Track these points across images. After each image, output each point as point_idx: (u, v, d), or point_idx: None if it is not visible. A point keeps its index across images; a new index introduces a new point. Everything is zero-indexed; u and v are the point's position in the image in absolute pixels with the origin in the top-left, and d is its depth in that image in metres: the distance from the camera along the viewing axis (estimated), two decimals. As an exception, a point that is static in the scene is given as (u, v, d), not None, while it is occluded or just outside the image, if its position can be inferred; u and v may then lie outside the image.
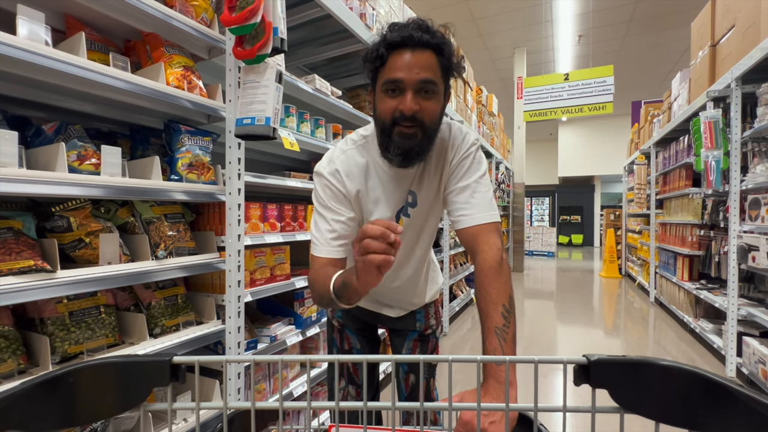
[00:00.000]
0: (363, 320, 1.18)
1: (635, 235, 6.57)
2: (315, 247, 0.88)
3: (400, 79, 0.78)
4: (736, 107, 2.68)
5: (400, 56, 0.79)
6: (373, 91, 0.87)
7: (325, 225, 0.88)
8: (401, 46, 0.79)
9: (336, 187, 0.90)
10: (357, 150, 0.93)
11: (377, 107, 0.84)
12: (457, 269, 4.35)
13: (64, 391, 0.42)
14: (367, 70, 0.86)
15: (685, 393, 0.41)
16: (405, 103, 0.78)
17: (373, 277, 0.65)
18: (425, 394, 1.15)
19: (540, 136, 14.05)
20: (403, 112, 0.79)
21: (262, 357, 0.46)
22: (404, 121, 0.80)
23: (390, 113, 0.81)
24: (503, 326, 0.72)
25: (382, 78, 0.82)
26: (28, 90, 1.17)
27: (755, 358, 2.36)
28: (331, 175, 0.90)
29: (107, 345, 1.16)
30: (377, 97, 0.84)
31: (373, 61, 0.82)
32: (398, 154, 0.83)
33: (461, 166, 0.90)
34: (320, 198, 0.91)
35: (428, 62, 0.79)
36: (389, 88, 0.80)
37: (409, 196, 0.95)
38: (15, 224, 1.00)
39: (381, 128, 0.84)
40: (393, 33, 0.80)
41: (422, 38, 0.78)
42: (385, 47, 0.80)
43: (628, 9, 6.12)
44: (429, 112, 0.81)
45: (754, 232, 2.46)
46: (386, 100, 0.81)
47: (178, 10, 1.28)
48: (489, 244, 0.81)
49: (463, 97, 4.21)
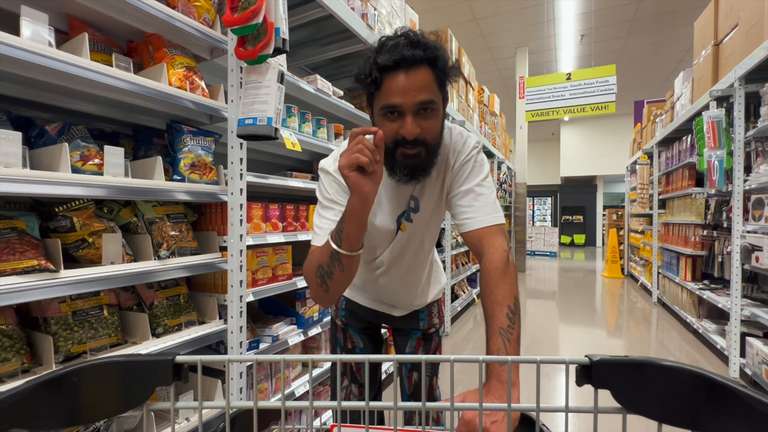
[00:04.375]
0: (366, 319, 1.18)
1: (638, 235, 6.54)
2: (316, 237, 0.87)
3: (398, 105, 0.78)
4: (739, 107, 2.67)
5: (395, 79, 0.78)
6: (371, 109, 0.86)
7: (332, 215, 0.86)
8: (395, 69, 0.78)
9: (340, 183, 0.89)
10: None
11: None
12: (458, 269, 4.35)
13: (68, 390, 0.42)
14: (363, 90, 0.85)
15: (688, 393, 0.41)
16: (406, 128, 0.78)
17: (366, 186, 0.71)
18: (427, 392, 1.15)
19: (542, 136, 14.02)
20: (404, 136, 0.79)
21: (264, 356, 0.46)
22: (407, 144, 0.79)
23: (392, 137, 0.80)
24: (508, 327, 0.72)
25: (379, 102, 0.81)
26: (32, 91, 1.18)
27: (758, 359, 2.35)
28: (337, 172, 0.90)
29: (110, 344, 1.16)
30: (376, 120, 0.84)
31: (368, 86, 0.81)
32: (405, 174, 0.83)
33: (463, 170, 0.90)
34: (326, 192, 0.90)
35: (424, 81, 0.78)
36: (387, 111, 0.80)
37: (412, 202, 0.95)
38: (19, 224, 1.01)
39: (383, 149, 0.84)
40: (384, 55, 0.78)
41: (415, 56, 0.77)
42: (378, 71, 0.79)
43: (631, 8, 6.09)
44: (430, 130, 0.81)
45: (757, 232, 2.45)
46: (386, 123, 0.80)
47: (180, 10, 1.29)
48: (495, 246, 0.81)
49: (465, 97, 4.21)
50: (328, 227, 0.85)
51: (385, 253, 1.01)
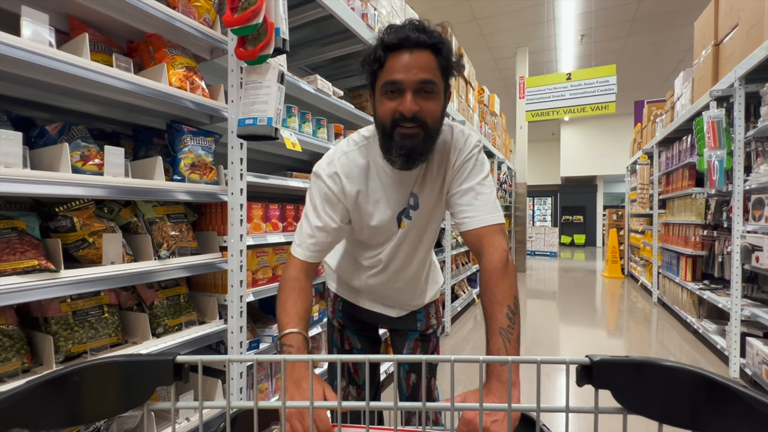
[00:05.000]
0: (363, 320, 1.18)
1: (638, 236, 6.54)
2: (294, 247, 0.91)
3: (399, 81, 0.78)
4: (739, 107, 2.67)
5: (398, 58, 0.79)
6: (373, 93, 0.87)
7: (308, 230, 0.90)
8: (399, 48, 0.79)
9: (332, 191, 0.90)
10: (358, 151, 0.93)
11: (377, 109, 0.84)
12: (458, 269, 4.35)
13: (69, 390, 0.42)
14: (366, 72, 0.86)
15: (689, 393, 0.41)
16: (405, 104, 0.78)
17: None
18: (426, 393, 1.15)
19: (542, 136, 14.02)
20: (403, 113, 0.79)
21: (265, 356, 0.46)
22: (405, 122, 0.79)
23: (390, 115, 0.80)
24: (508, 327, 0.72)
25: (381, 80, 0.82)
26: (32, 91, 1.18)
27: (759, 359, 2.35)
28: (329, 178, 0.90)
29: (110, 344, 1.16)
30: (377, 100, 0.84)
31: (372, 63, 0.82)
32: (401, 155, 0.82)
33: (464, 168, 0.89)
34: (313, 198, 0.92)
35: (426, 62, 0.79)
36: (388, 89, 0.80)
37: (411, 199, 0.94)
38: (19, 224, 1.01)
39: (382, 130, 0.84)
40: (390, 35, 0.80)
41: (419, 39, 0.78)
42: (383, 49, 0.80)
43: (631, 8, 6.09)
44: (429, 111, 0.80)
45: (757, 232, 2.45)
46: (386, 102, 0.81)
47: (181, 11, 1.29)
48: (494, 246, 0.81)
49: (465, 97, 4.21)
50: (307, 236, 0.89)
51: (384, 252, 1.01)
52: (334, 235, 0.92)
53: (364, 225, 0.95)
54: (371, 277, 1.06)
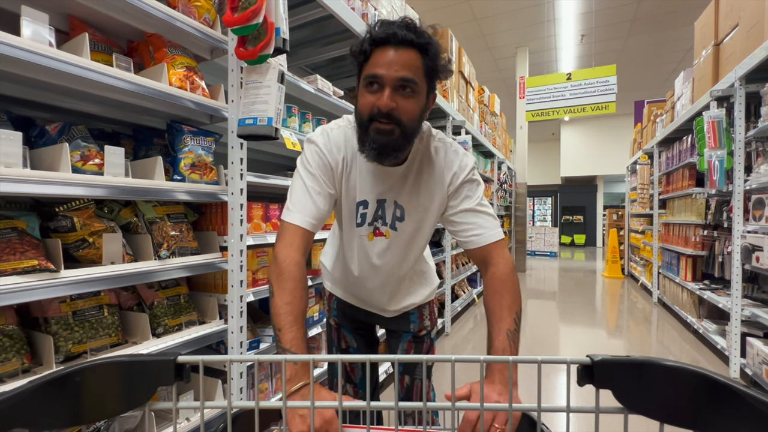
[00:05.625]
0: (358, 319, 1.18)
1: (638, 236, 6.54)
2: (288, 213, 0.84)
3: (380, 75, 0.78)
4: (739, 107, 2.66)
5: (383, 53, 0.79)
6: (357, 85, 0.87)
7: (305, 194, 0.84)
8: (385, 43, 0.80)
9: (326, 157, 0.89)
10: (352, 129, 0.92)
11: (358, 101, 0.84)
12: (458, 269, 4.35)
13: (71, 390, 0.42)
14: (354, 64, 0.87)
15: (689, 393, 0.41)
16: (382, 100, 0.78)
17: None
18: (421, 394, 1.15)
19: (542, 136, 14.02)
20: (379, 108, 0.79)
21: (265, 356, 0.46)
22: (381, 117, 0.79)
23: (368, 108, 0.80)
24: (515, 331, 0.75)
25: (364, 73, 0.82)
26: (32, 91, 1.18)
27: (759, 359, 2.35)
28: (324, 146, 0.90)
29: (110, 344, 1.16)
30: (359, 92, 0.84)
31: (358, 55, 0.83)
32: (373, 149, 0.82)
33: (462, 189, 0.91)
34: (307, 163, 0.88)
35: (410, 61, 0.79)
36: (369, 82, 0.80)
37: (397, 210, 0.94)
38: (19, 224, 1.01)
39: (359, 123, 0.84)
40: (378, 29, 0.80)
41: (406, 36, 0.78)
42: (370, 43, 0.81)
43: (631, 8, 6.09)
44: (406, 111, 0.80)
45: (758, 232, 2.45)
46: (366, 95, 0.81)
47: (181, 11, 1.29)
48: (504, 258, 0.85)
49: (465, 97, 4.21)
50: (302, 205, 0.83)
51: (357, 262, 1.01)
52: (329, 204, 0.88)
53: (341, 201, 0.95)
54: (355, 279, 1.06)
